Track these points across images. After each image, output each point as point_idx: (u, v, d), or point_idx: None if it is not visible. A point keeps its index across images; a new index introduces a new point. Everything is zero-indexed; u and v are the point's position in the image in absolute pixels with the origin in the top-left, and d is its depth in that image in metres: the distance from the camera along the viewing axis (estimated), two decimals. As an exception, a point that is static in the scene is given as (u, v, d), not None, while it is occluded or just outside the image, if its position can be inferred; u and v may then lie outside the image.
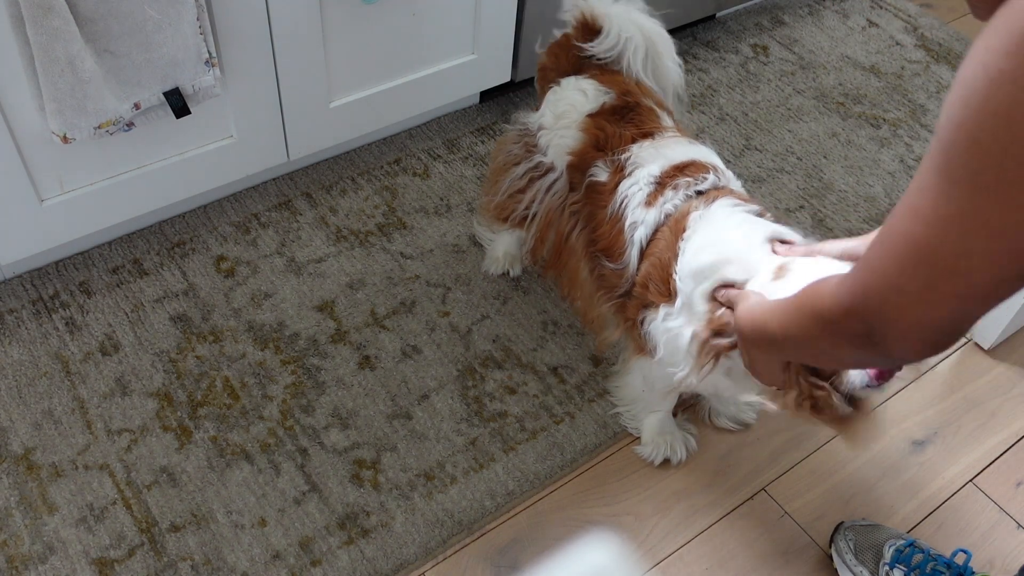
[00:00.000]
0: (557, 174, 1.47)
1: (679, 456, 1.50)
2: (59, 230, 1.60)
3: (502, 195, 1.57)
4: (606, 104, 1.43)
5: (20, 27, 1.29)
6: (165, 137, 1.60)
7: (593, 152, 1.41)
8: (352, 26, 1.68)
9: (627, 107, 1.43)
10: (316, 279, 1.71)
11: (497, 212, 1.60)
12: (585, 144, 1.42)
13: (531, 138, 1.52)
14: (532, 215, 1.54)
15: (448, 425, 1.52)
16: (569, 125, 1.44)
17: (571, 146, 1.44)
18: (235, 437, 1.48)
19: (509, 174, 1.55)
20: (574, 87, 1.47)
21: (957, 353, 1.70)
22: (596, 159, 1.40)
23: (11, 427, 1.46)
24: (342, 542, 1.37)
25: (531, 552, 1.39)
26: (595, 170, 1.40)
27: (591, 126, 1.42)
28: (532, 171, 1.51)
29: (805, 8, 2.46)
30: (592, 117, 1.43)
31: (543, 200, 1.51)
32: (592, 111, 1.43)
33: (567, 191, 1.47)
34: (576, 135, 1.43)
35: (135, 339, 1.59)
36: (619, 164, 1.37)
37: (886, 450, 1.55)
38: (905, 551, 1.33)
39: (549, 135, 1.47)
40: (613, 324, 1.44)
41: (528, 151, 1.52)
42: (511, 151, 1.56)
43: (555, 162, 1.47)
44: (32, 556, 1.33)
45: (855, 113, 2.16)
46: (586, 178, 1.41)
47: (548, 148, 1.48)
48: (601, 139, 1.40)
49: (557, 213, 1.49)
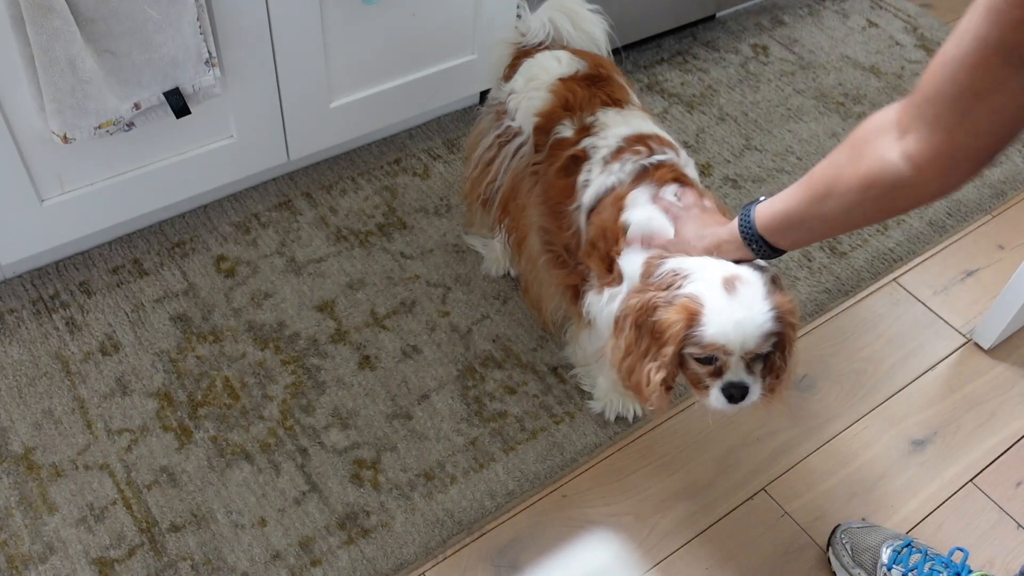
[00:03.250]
0: (524, 137, 1.48)
1: (632, 413, 1.53)
2: (59, 230, 1.60)
3: (475, 168, 1.58)
4: (579, 72, 1.46)
5: (20, 27, 1.29)
6: (165, 137, 1.60)
7: (561, 112, 1.42)
8: (352, 26, 1.69)
9: (599, 77, 1.46)
10: (316, 279, 1.71)
11: (472, 189, 1.61)
12: (553, 105, 1.43)
13: (501, 105, 1.53)
14: (498, 186, 1.54)
15: (448, 425, 1.52)
16: (539, 87, 1.45)
17: (539, 107, 1.44)
18: (235, 437, 1.48)
19: (480, 146, 1.56)
20: (548, 56, 1.49)
21: (957, 353, 1.70)
22: (563, 118, 1.41)
23: (11, 427, 1.47)
24: (342, 542, 1.37)
25: (531, 552, 1.39)
26: (560, 127, 1.41)
27: (561, 88, 1.43)
28: (500, 136, 1.52)
29: (805, 8, 2.46)
30: (563, 80, 1.44)
31: (509, 166, 1.51)
32: (564, 75, 1.45)
33: (532, 154, 1.47)
34: (545, 96, 1.44)
35: (135, 339, 1.59)
36: (585, 125, 1.39)
37: (886, 450, 1.55)
38: (902, 552, 1.33)
39: (518, 98, 1.48)
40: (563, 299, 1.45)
41: (498, 118, 1.53)
42: (484, 125, 1.57)
43: (522, 125, 1.48)
44: (32, 556, 1.33)
45: (855, 113, 2.16)
46: (551, 138, 1.42)
47: (516, 111, 1.48)
48: (570, 100, 1.41)
49: (520, 178, 1.50)
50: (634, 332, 1.18)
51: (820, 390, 1.63)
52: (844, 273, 1.81)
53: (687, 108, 2.13)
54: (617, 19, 2.11)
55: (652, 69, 2.22)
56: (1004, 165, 2.06)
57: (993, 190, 2.00)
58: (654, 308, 1.14)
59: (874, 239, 1.87)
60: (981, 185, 2.01)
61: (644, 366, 1.17)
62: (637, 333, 1.17)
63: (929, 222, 1.92)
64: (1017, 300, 1.61)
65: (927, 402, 1.62)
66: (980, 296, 1.80)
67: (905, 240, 1.88)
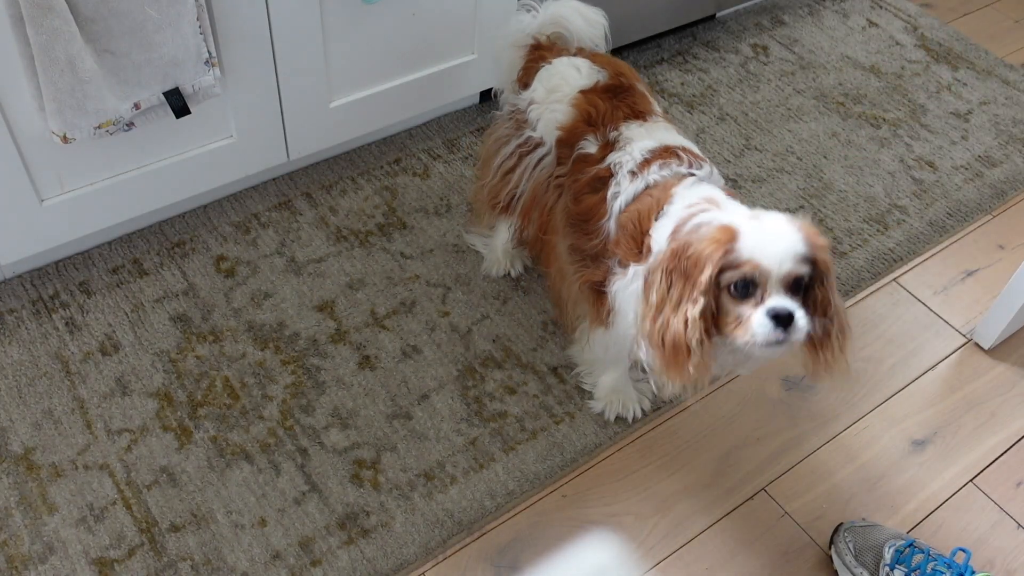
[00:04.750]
0: (546, 149, 1.47)
1: (631, 414, 1.52)
2: (59, 230, 1.60)
3: (494, 176, 1.56)
4: (599, 83, 1.44)
5: (20, 27, 1.29)
6: (165, 137, 1.60)
7: (584, 127, 1.40)
8: (352, 26, 1.68)
9: (620, 87, 1.44)
10: (316, 279, 1.71)
11: (491, 196, 1.60)
12: (576, 119, 1.42)
13: (521, 115, 1.51)
14: (519, 195, 1.53)
15: (448, 425, 1.52)
16: (561, 99, 1.44)
17: (561, 121, 1.43)
18: (235, 437, 1.48)
19: (500, 154, 1.55)
20: (567, 64, 1.48)
21: (957, 353, 1.70)
22: (586, 134, 1.40)
23: (11, 427, 1.46)
24: (342, 542, 1.37)
25: (531, 552, 1.39)
26: (584, 143, 1.39)
27: (583, 102, 1.42)
28: (521, 147, 1.51)
29: (805, 8, 2.46)
30: (585, 93, 1.43)
31: (531, 176, 1.51)
32: (585, 87, 1.44)
33: (554, 166, 1.47)
34: (567, 110, 1.43)
35: (135, 339, 1.59)
36: (609, 140, 1.38)
37: (886, 450, 1.55)
38: (905, 551, 1.33)
39: (540, 109, 1.47)
40: (583, 299, 1.44)
41: (518, 127, 1.52)
42: (502, 132, 1.56)
43: (544, 137, 1.47)
44: (32, 556, 1.33)
45: (855, 113, 2.16)
46: (574, 152, 1.41)
47: (538, 122, 1.47)
48: (593, 115, 1.40)
49: (543, 188, 1.49)
50: (666, 281, 1.15)
51: (820, 390, 1.63)
52: (844, 273, 1.81)
53: (687, 108, 2.13)
54: (617, 19, 2.12)
55: (652, 69, 2.22)
56: (1004, 165, 2.06)
57: (993, 190, 2.00)
58: (687, 246, 1.14)
59: (874, 239, 1.87)
60: (981, 185, 2.01)
61: (680, 313, 1.14)
62: (669, 280, 1.15)
63: (929, 222, 1.92)
64: (1017, 300, 1.61)
65: (927, 402, 1.62)
66: (980, 296, 1.80)
67: (905, 240, 1.88)
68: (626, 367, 1.51)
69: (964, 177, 2.03)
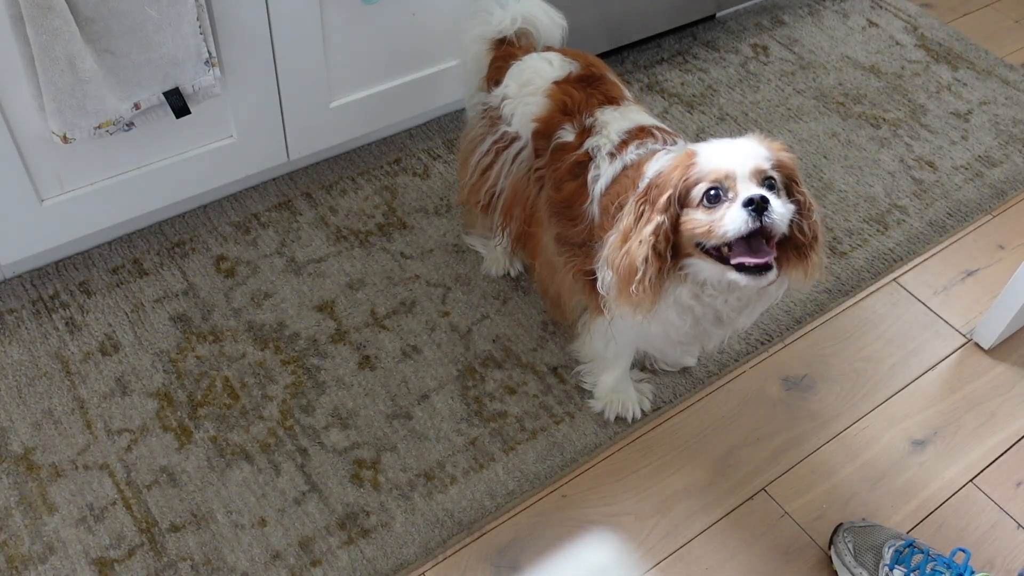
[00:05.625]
0: (523, 143, 1.48)
1: (631, 414, 1.53)
2: (59, 230, 1.60)
3: (472, 175, 1.57)
4: (572, 73, 1.46)
5: (20, 27, 1.29)
6: (165, 137, 1.60)
7: (560, 117, 1.41)
8: (352, 26, 1.68)
9: (593, 77, 1.46)
10: (316, 279, 1.71)
11: (471, 195, 1.60)
12: (552, 110, 1.42)
13: (495, 111, 1.52)
14: (499, 191, 1.54)
15: (448, 425, 1.52)
16: (535, 92, 1.45)
17: (537, 113, 1.44)
18: (235, 437, 1.48)
19: (476, 152, 1.55)
20: (539, 58, 1.49)
21: (957, 353, 1.70)
22: (563, 123, 1.41)
23: (11, 427, 1.46)
24: (342, 542, 1.37)
25: (531, 552, 1.39)
26: (562, 132, 1.41)
27: (558, 92, 1.43)
28: (497, 143, 1.51)
29: (805, 8, 2.46)
30: (559, 84, 1.44)
31: (510, 171, 1.51)
32: (559, 78, 1.45)
33: (533, 159, 1.47)
34: (542, 101, 1.44)
35: (135, 339, 1.59)
36: (585, 127, 1.39)
37: (886, 450, 1.55)
38: (904, 552, 1.33)
39: (514, 103, 1.47)
40: (576, 289, 1.44)
41: (492, 124, 1.52)
42: (477, 131, 1.56)
43: (520, 131, 1.47)
44: (32, 556, 1.33)
45: (855, 113, 2.16)
46: (552, 142, 1.42)
47: (513, 117, 1.48)
48: (569, 104, 1.41)
49: (523, 183, 1.49)
50: (636, 212, 1.18)
51: (820, 390, 1.63)
52: (844, 273, 1.81)
53: (687, 108, 2.13)
54: (617, 19, 2.12)
55: (652, 69, 2.22)
56: (1004, 165, 2.06)
57: (993, 190, 2.00)
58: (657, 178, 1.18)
59: (874, 239, 1.87)
60: (981, 185, 2.01)
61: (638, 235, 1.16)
62: (640, 212, 1.18)
63: (929, 222, 1.92)
64: (1017, 300, 1.61)
65: (927, 402, 1.62)
66: (980, 296, 1.80)
67: (905, 240, 1.88)
68: (627, 366, 1.51)
69: (964, 177, 2.03)
